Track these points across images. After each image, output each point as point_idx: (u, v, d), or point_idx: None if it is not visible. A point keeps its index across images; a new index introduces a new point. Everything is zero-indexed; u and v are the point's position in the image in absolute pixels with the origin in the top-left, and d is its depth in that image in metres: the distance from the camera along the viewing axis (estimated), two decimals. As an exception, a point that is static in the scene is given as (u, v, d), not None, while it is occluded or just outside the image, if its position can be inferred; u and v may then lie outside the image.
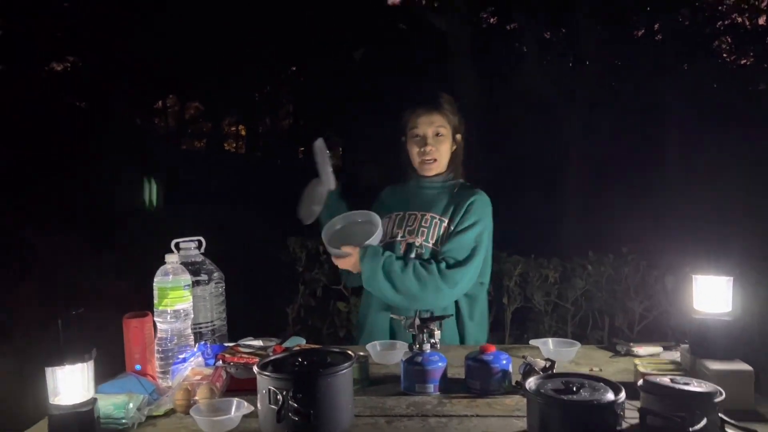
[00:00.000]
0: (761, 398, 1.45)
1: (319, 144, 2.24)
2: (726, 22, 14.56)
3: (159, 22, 11.98)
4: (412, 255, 2.07)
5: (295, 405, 1.25)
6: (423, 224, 2.12)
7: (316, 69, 15.03)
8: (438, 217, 2.12)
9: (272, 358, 1.43)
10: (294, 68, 17.50)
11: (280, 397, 1.26)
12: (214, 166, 12.59)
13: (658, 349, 1.86)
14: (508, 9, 11.96)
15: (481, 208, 2.12)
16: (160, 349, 1.69)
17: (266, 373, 1.30)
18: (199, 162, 13.92)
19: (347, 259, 2.04)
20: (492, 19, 14.57)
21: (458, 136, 2.18)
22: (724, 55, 14.91)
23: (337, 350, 1.45)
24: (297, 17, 13.23)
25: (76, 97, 14.06)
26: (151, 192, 8.60)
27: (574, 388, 1.27)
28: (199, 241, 1.94)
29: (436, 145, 2.12)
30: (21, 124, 9.04)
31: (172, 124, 20.10)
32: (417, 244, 2.09)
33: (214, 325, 1.93)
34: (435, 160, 2.13)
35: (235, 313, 2.04)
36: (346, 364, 1.33)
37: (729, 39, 14.77)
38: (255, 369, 1.34)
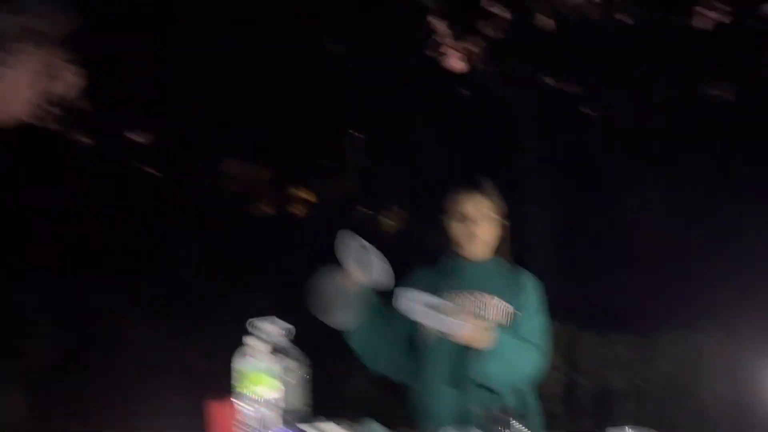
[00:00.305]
0: None
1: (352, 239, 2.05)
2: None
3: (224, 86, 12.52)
4: None
5: None
6: (482, 306, 2.10)
7: (376, 134, 15.38)
8: (496, 298, 2.11)
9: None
10: (358, 133, 17.95)
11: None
12: (282, 233, 12.84)
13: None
14: (571, 73, 12.03)
15: (539, 289, 2.16)
16: (243, 435, 1.69)
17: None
18: (267, 227, 14.22)
19: (472, 331, 1.94)
20: (552, 81, 14.58)
21: (502, 219, 2.20)
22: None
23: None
24: (356, 81, 13.63)
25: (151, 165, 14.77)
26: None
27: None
28: (274, 320, 1.94)
29: (481, 224, 2.14)
30: (100, 202, 9.53)
31: (238, 188, 20.66)
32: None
33: (294, 407, 1.93)
34: (479, 239, 2.15)
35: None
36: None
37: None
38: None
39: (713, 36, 11.30)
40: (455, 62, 14.49)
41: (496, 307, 2.10)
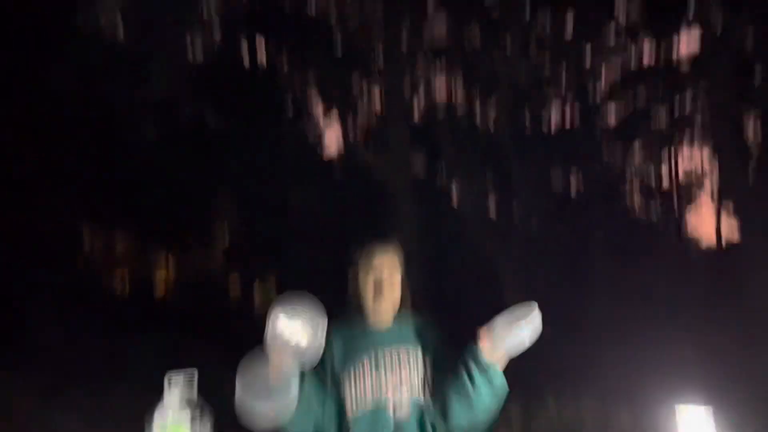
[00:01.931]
0: None
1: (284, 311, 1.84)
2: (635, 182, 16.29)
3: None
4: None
5: None
6: (404, 362, 2.14)
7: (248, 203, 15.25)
8: (414, 350, 2.11)
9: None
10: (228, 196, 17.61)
11: None
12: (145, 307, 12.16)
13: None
14: (438, 152, 12.78)
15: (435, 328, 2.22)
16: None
17: None
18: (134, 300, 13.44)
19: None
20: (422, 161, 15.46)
21: (402, 273, 2.22)
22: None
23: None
24: (231, 154, 13.56)
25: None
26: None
27: None
28: (192, 375, 1.89)
29: (393, 282, 2.15)
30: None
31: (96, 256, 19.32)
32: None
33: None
34: (392, 296, 2.14)
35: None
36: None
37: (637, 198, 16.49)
38: None
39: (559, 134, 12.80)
40: (331, 142, 15.02)
41: (417, 357, 2.16)
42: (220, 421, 1.96)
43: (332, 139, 15.11)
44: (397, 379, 2.04)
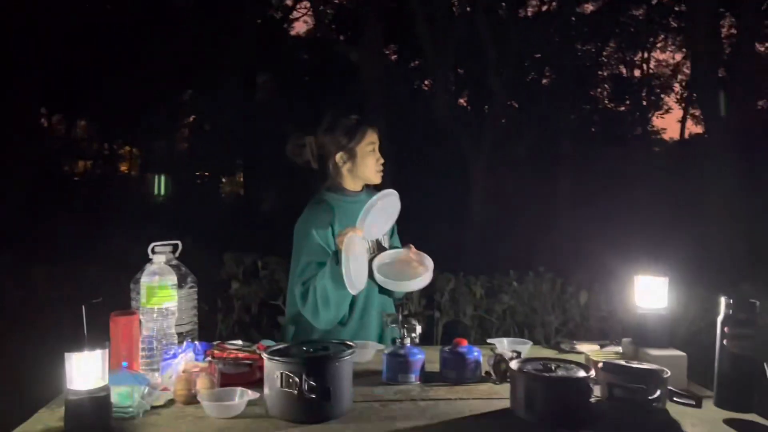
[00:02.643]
0: (692, 379, 1.73)
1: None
2: (605, 73, 16.16)
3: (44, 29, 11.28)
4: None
5: (314, 385, 1.37)
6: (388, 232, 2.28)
7: (217, 92, 14.90)
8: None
9: (277, 347, 1.53)
10: (191, 91, 17.22)
11: (296, 380, 1.37)
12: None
13: (596, 347, 2.11)
14: (414, 47, 12.51)
15: None
16: (145, 347, 1.72)
17: (281, 359, 1.41)
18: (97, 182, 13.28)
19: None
20: (394, 56, 15.24)
21: None
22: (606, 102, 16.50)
23: (334, 341, 1.58)
24: (197, 38, 13.09)
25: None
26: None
27: (552, 368, 1.48)
28: (176, 245, 1.96)
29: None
30: None
31: (57, 144, 18.96)
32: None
33: (186, 327, 1.97)
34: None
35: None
36: (350, 351, 1.47)
37: (608, 87, 16.38)
38: (265, 355, 1.44)
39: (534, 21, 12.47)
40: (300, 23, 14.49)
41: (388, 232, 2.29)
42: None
43: (301, 21, 14.60)
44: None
